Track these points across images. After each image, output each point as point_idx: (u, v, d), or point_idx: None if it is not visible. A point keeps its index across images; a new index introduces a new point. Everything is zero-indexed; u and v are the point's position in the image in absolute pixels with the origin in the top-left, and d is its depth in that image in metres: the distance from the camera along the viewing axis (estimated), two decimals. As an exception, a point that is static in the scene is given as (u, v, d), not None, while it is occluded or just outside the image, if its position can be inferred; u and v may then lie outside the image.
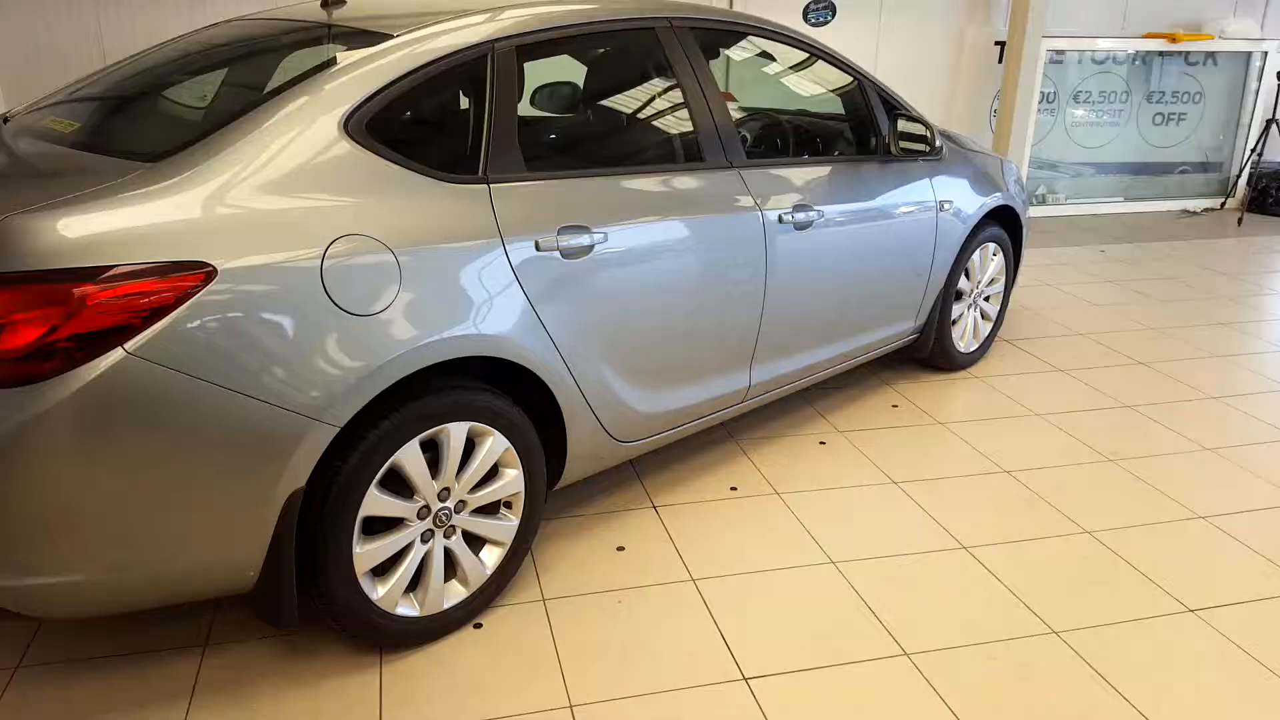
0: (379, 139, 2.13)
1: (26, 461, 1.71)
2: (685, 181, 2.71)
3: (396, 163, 2.14)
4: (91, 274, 1.73)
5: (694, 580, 2.61)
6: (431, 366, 2.18)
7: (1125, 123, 7.46)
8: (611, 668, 2.27)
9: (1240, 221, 7.29)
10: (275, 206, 1.95)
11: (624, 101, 2.74)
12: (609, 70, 2.73)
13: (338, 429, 1.99)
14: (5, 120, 2.52)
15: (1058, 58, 7.11)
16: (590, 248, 2.42)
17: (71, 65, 5.45)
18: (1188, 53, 7.38)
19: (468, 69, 2.32)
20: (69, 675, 2.20)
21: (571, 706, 2.14)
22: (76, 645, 2.29)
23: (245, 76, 2.44)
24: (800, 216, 2.97)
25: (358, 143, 2.10)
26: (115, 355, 1.73)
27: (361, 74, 2.15)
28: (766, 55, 3.18)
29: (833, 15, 6.57)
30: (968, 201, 3.73)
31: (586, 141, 2.57)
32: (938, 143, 3.41)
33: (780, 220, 2.91)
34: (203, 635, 2.34)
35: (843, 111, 3.42)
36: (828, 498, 3.06)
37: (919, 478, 3.22)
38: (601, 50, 2.69)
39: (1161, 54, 7.32)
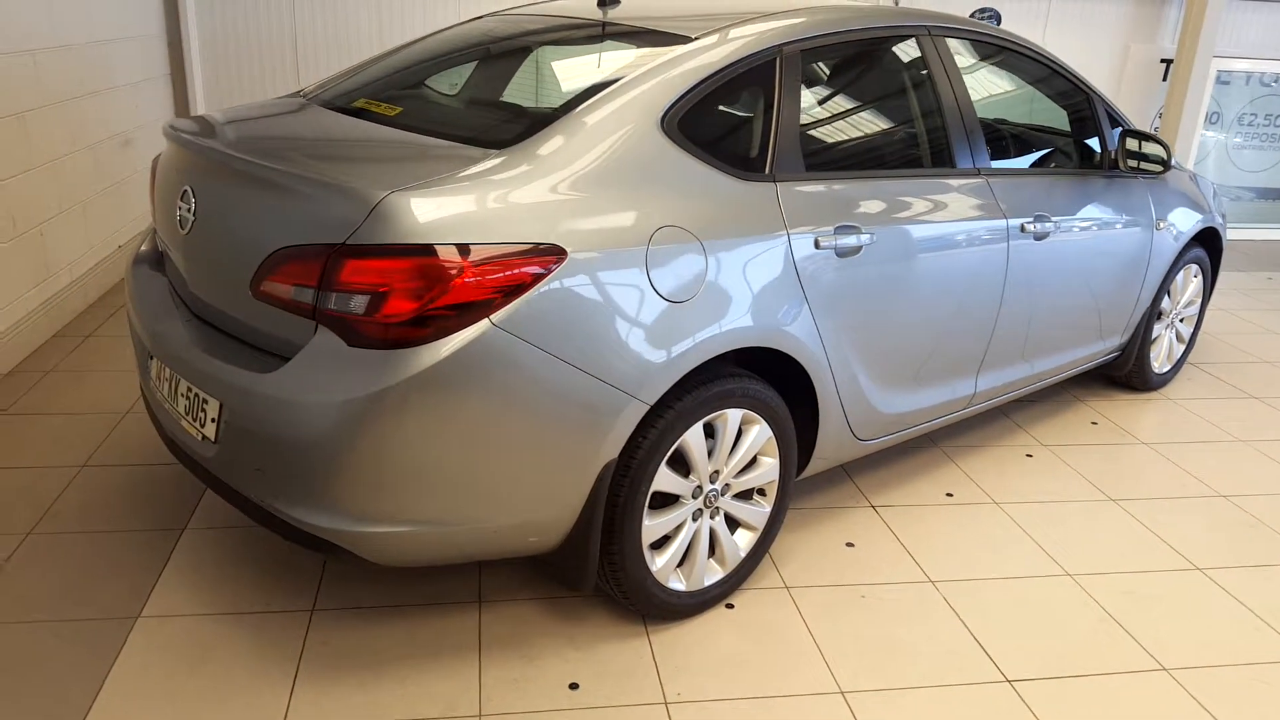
0: (687, 136, 2.24)
1: (391, 419, 1.85)
2: (941, 186, 2.76)
3: (701, 159, 2.24)
4: (465, 250, 1.86)
5: (932, 582, 2.65)
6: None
7: (1291, 147, 7.21)
8: (873, 660, 2.33)
9: None
10: (609, 196, 2.06)
11: (887, 105, 2.80)
12: (874, 75, 2.79)
13: (648, 406, 2.09)
14: (303, 97, 2.69)
15: (1225, 78, 6.91)
16: (859, 248, 2.49)
17: (266, 58, 5.75)
18: (1366, 78, 7.09)
19: (760, 71, 2.40)
20: (360, 620, 2.36)
21: (843, 693, 2.21)
22: (358, 595, 2.45)
23: (552, 68, 2.56)
24: (1040, 226, 2.99)
25: (671, 140, 2.20)
26: (481, 326, 1.86)
27: (675, 75, 2.26)
28: (1005, 65, 3.20)
29: (997, 24, 6.50)
30: (1181, 221, 3.68)
31: (853, 143, 2.64)
32: (1172, 162, 3.39)
33: (1022, 229, 2.94)
34: (474, 593, 2.48)
35: (1073, 125, 3.42)
36: (1048, 510, 3.07)
37: (1135, 496, 3.20)
38: (869, 55, 2.75)
39: (1338, 78, 7.04)
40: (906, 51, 2.81)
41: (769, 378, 2.50)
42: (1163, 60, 6.80)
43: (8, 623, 2.28)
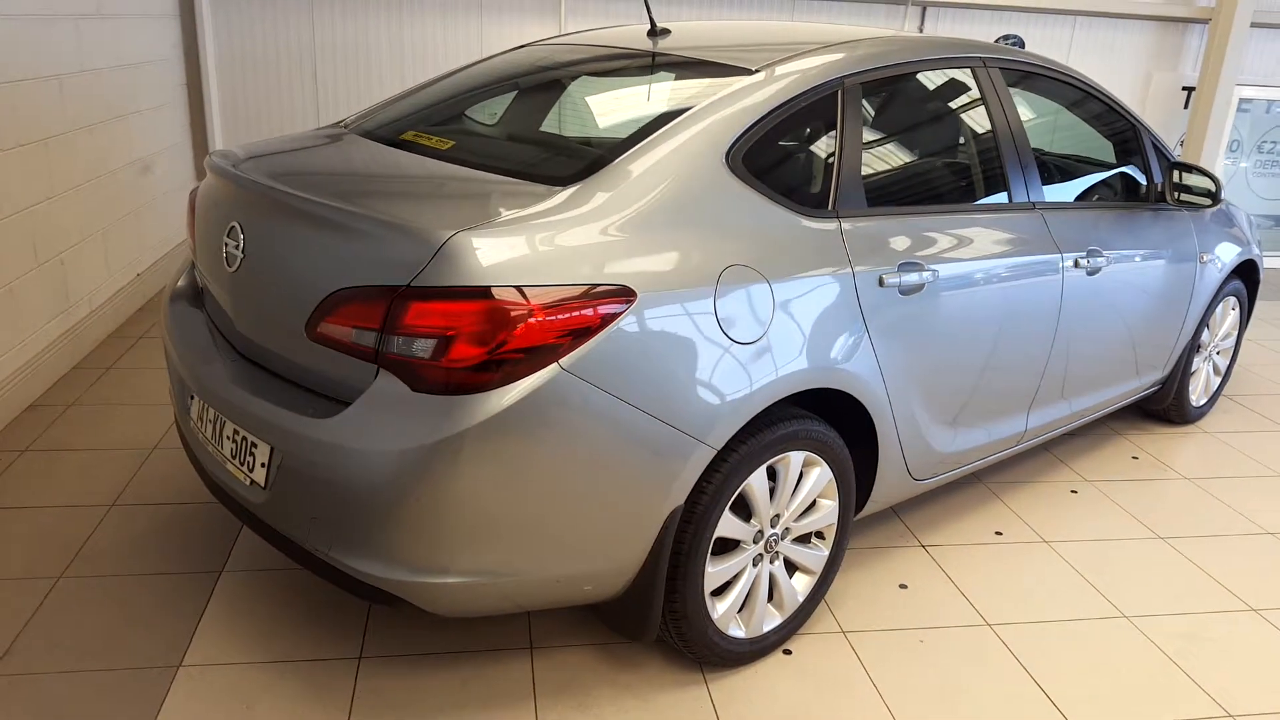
0: (751, 172, 2.19)
1: (458, 467, 1.79)
2: (998, 221, 2.72)
3: (766, 195, 2.19)
4: (534, 292, 1.80)
5: (990, 625, 2.59)
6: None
7: (1308, 175, 7.21)
8: (939, 711, 2.26)
9: None
10: (676, 234, 2.01)
11: (944, 139, 2.76)
12: (931, 107, 2.75)
13: (715, 451, 2.03)
14: (345, 128, 2.64)
15: (1244, 106, 6.92)
16: (922, 285, 2.44)
17: (284, 81, 5.73)
18: (1381, 106, 7.10)
19: (822, 104, 2.36)
20: (410, 668, 2.28)
21: (911, 744, 2.15)
22: (407, 641, 2.38)
23: (609, 100, 2.52)
24: (1092, 261, 2.95)
25: (736, 175, 2.15)
26: (551, 370, 1.80)
27: (739, 108, 2.21)
28: (1053, 96, 3.17)
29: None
30: (1223, 253, 3.65)
31: (911, 178, 2.60)
32: (1221, 196, 3.35)
33: (1076, 264, 2.89)
34: (524, 639, 2.41)
35: (1119, 156, 3.39)
36: (1098, 549, 3.01)
37: (1183, 534, 3.14)
38: (926, 87, 2.72)
39: (1353, 106, 7.06)
40: (962, 83, 2.77)
41: (827, 418, 2.45)
42: (1185, 88, 6.80)
43: (47, 673, 2.20)
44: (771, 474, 2.25)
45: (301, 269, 1.97)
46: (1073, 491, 3.38)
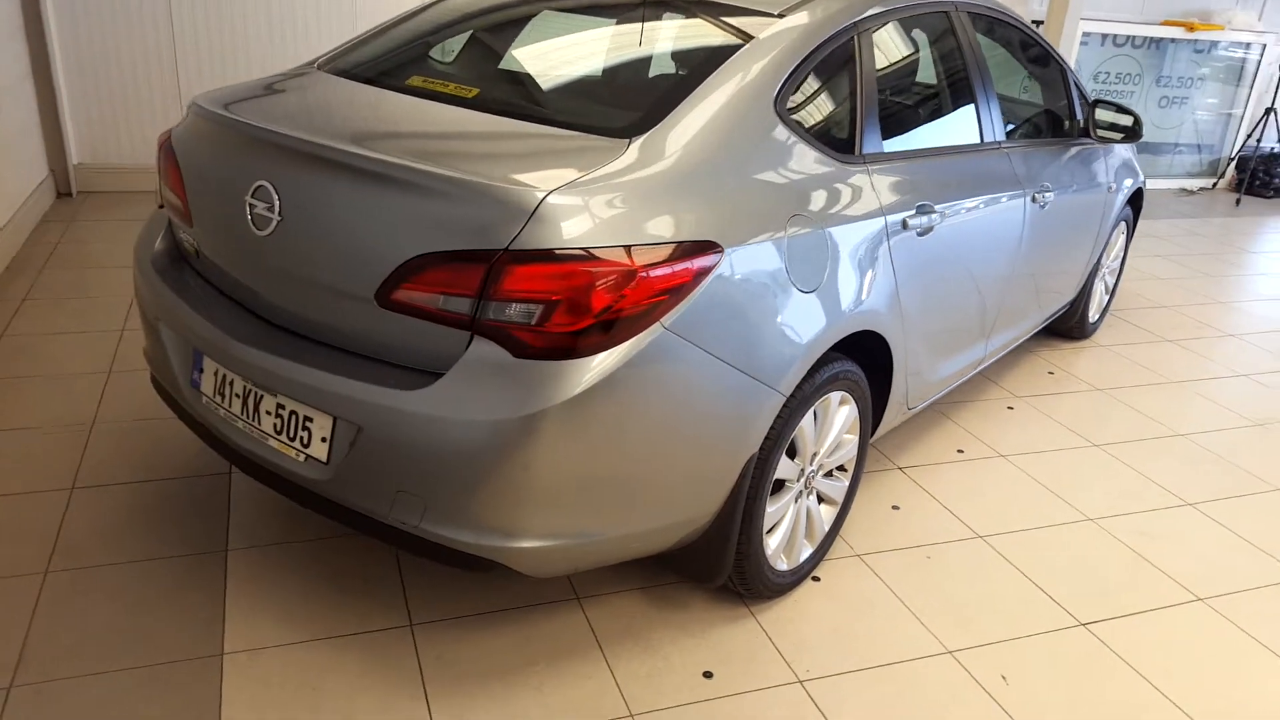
0: (794, 119, 2.22)
1: (569, 432, 1.76)
2: (981, 161, 2.88)
3: (808, 142, 2.23)
4: (635, 252, 1.78)
5: (981, 537, 2.83)
6: None
7: (1135, 104, 7.95)
8: (962, 617, 2.47)
9: (1238, 202, 7.91)
10: (746, 185, 2.02)
11: (937, 82, 2.88)
12: (925, 51, 2.85)
13: (785, 398, 2.10)
14: (332, 71, 2.45)
15: (1084, 40, 7.50)
16: (933, 227, 2.57)
17: (135, 19, 5.16)
18: (1196, 40, 7.89)
19: (844, 49, 2.41)
20: (466, 630, 2.26)
21: (951, 653, 2.35)
22: (453, 604, 2.34)
23: (636, 42, 2.43)
24: (1044, 196, 3.19)
25: (784, 123, 2.18)
26: (655, 329, 1.80)
27: (779, 54, 2.22)
28: (1003, 39, 3.35)
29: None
30: (1125, 183, 4.03)
31: (916, 121, 2.70)
32: (1142, 131, 3.68)
33: (1033, 199, 3.12)
34: (568, 590, 2.43)
35: (1050, 96, 3.64)
36: (1048, 460, 3.33)
37: (1112, 440, 3.52)
38: (920, 31, 2.81)
39: (1174, 40, 7.81)
40: (944, 27, 2.89)
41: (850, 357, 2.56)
42: (1034, 21, 7.27)
43: (75, 677, 2.03)
44: (813, 414, 2.34)
45: (367, 233, 1.84)
46: (1009, 408, 3.70)
